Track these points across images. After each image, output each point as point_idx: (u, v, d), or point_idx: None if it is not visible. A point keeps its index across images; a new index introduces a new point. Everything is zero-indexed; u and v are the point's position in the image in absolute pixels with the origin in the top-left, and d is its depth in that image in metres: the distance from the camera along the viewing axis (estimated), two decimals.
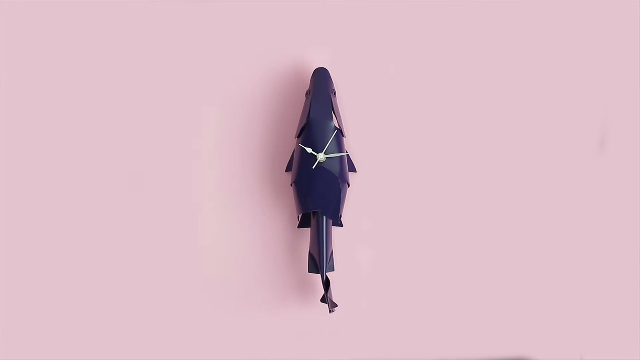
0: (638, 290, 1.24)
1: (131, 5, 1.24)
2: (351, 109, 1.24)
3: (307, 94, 1.20)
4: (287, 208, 1.22)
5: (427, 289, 1.23)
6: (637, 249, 1.25)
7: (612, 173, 1.25)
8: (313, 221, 1.17)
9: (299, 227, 1.20)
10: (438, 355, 1.23)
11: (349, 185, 1.20)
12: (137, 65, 1.24)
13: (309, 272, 1.17)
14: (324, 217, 1.16)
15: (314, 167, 1.17)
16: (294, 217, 1.22)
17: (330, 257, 1.16)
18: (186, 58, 1.24)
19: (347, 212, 1.22)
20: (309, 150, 1.17)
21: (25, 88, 1.23)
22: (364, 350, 1.22)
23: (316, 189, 1.16)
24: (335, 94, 1.21)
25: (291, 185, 1.19)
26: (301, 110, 1.22)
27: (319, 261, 1.15)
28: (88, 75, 1.24)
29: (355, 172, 1.23)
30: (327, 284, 1.15)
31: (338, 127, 1.19)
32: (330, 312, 1.15)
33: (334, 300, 1.18)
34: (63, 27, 1.24)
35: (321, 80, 1.20)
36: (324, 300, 1.16)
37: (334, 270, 1.17)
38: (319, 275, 1.18)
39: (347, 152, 1.20)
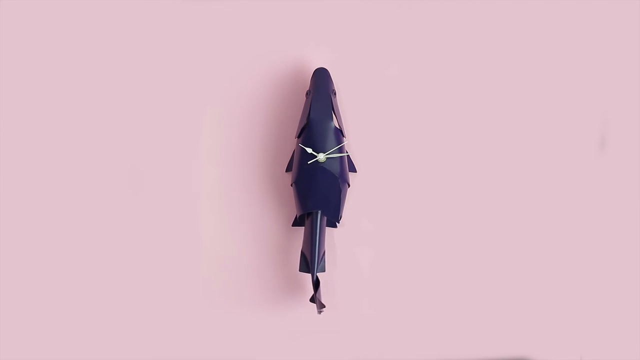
0: (638, 290, 1.24)
1: (131, 5, 1.24)
2: (351, 109, 1.24)
3: (307, 94, 1.20)
4: (287, 208, 1.22)
5: (427, 289, 1.23)
6: (637, 249, 1.25)
7: (612, 173, 1.25)
8: (307, 220, 1.17)
9: (292, 225, 1.20)
10: (438, 355, 1.23)
11: (349, 185, 1.20)
12: (136, 65, 1.24)
13: (299, 270, 1.16)
14: (319, 217, 1.16)
15: (309, 163, 1.17)
16: (294, 217, 1.22)
17: (322, 258, 1.16)
18: (186, 58, 1.24)
19: (347, 212, 1.22)
20: (309, 150, 1.17)
21: (26, 88, 1.23)
22: (364, 350, 1.22)
23: (316, 189, 1.16)
24: (335, 94, 1.21)
25: (291, 185, 1.19)
26: (301, 110, 1.22)
27: (310, 261, 1.15)
28: (88, 75, 1.24)
29: (355, 172, 1.23)
30: (316, 284, 1.15)
31: (338, 127, 1.19)
32: (318, 312, 1.15)
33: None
34: (63, 27, 1.24)
35: (321, 80, 1.20)
36: (312, 300, 1.16)
37: (324, 270, 1.17)
38: (309, 275, 1.18)
39: (347, 152, 1.20)
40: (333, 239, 1.22)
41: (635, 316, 1.24)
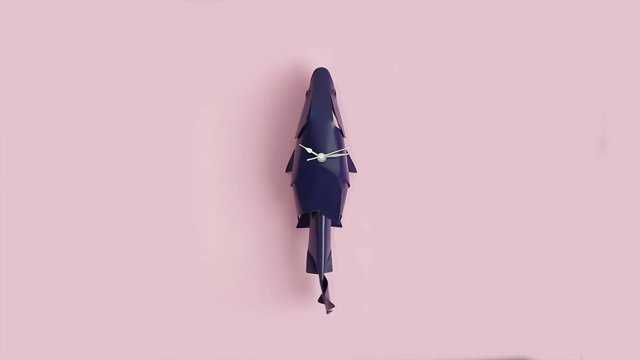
0: (638, 290, 1.24)
1: (131, 5, 1.24)
2: (351, 109, 1.24)
3: (307, 94, 1.20)
4: (287, 208, 1.23)
5: (427, 289, 1.23)
6: (637, 249, 1.25)
7: (612, 173, 1.25)
8: (312, 221, 1.17)
9: (297, 226, 1.20)
10: (438, 355, 1.23)
11: (349, 185, 1.20)
12: (136, 66, 1.24)
13: (307, 272, 1.17)
14: (323, 217, 1.16)
15: (308, 160, 1.17)
16: (294, 217, 1.22)
17: (329, 257, 1.16)
18: (186, 58, 1.24)
19: (347, 212, 1.22)
20: (309, 150, 1.17)
21: (25, 88, 1.23)
22: (364, 350, 1.22)
23: (316, 189, 1.16)
24: (335, 94, 1.21)
25: (291, 185, 1.19)
26: (301, 110, 1.22)
27: (317, 261, 1.15)
28: (88, 76, 1.24)
29: (355, 172, 1.23)
30: (324, 284, 1.15)
31: (338, 127, 1.19)
32: (327, 312, 1.15)
33: (332, 301, 1.18)
34: (63, 28, 1.24)
35: (321, 80, 1.20)
36: (321, 300, 1.16)
37: (331, 270, 1.17)
38: (317, 275, 1.18)
39: (347, 152, 1.20)
40: (333, 239, 1.22)
41: (635, 316, 1.24)
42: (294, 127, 1.23)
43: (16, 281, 1.21)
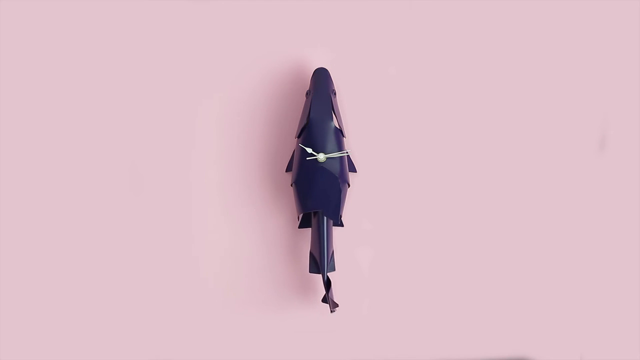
0: (638, 290, 1.24)
1: (131, 5, 1.24)
2: (351, 109, 1.24)
3: (307, 94, 1.20)
4: (287, 208, 1.22)
5: (427, 289, 1.23)
6: (637, 249, 1.25)
7: (612, 173, 1.25)
8: (313, 221, 1.17)
9: (299, 227, 1.20)
10: (438, 355, 1.23)
11: (349, 185, 1.20)
12: (136, 66, 1.24)
13: (309, 272, 1.17)
14: (324, 217, 1.16)
15: (307, 159, 1.17)
16: (294, 217, 1.22)
17: (331, 257, 1.16)
18: (186, 58, 1.24)
19: (347, 212, 1.22)
20: (309, 150, 1.17)
21: (26, 88, 1.23)
22: (365, 350, 1.22)
23: (316, 189, 1.16)
24: (335, 94, 1.21)
25: (291, 185, 1.19)
26: (301, 110, 1.22)
27: (320, 261, 1.15)
28: (88, 76, 1.24)
29: (355, 172, 1.23)
30: (327, 284, 1.15)
31: (338, 127, 1.19)
32: (331, 312, 1.15)
33: (335, 300, 1.18)
34: (63, 28, 1.24)
35: (321, 80, 1.20)
36: (325, 300, 1.16)
37: (334, 270, 1.17)
38: (320, 275, 1.18)
39: (347, 152, 1.20)
40: (333, 239, 1.22)
41: (635, 316, 1.24)
42: (294, 127, 1.23)
43: (16, 281, 1.21)
